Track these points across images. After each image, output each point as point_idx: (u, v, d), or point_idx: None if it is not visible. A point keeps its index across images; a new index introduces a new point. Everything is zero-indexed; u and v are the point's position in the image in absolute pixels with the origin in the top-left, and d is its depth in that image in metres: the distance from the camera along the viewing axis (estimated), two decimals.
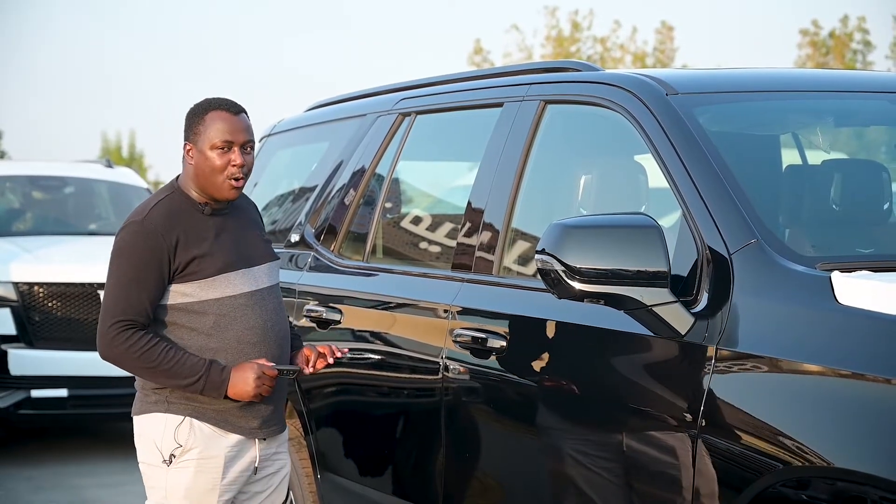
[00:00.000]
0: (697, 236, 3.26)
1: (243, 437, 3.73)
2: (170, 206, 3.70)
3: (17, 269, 8.46)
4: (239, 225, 3.80)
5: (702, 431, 3.05)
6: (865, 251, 3.59)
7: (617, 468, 3.32)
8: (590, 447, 3.45)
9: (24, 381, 8.26)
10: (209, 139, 3.68)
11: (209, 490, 3.69)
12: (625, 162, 3.95)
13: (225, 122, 3.69)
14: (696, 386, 3.09)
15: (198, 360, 3.62)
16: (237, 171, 3.68)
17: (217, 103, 3.73)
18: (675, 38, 26.57)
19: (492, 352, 3.76)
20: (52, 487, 7.56)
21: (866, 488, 2.73)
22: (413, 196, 5.13)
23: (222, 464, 3.70)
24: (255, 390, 3.62)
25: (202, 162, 3.69)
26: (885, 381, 2.72)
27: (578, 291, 3.20)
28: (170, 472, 3.69)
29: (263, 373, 3.63)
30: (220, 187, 3.69)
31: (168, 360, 3.60)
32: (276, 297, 3.81)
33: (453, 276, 4.08)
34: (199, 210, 3.72)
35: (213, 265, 3.67)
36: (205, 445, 3.69)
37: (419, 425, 4.20)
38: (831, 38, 24.96)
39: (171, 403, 3.69)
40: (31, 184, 10.44)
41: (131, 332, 3.60)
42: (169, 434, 3.68)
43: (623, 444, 3.32)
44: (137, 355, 3.60)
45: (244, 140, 3.70)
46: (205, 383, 3.61)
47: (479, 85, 4.49)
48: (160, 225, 3.64)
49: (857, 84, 4.16)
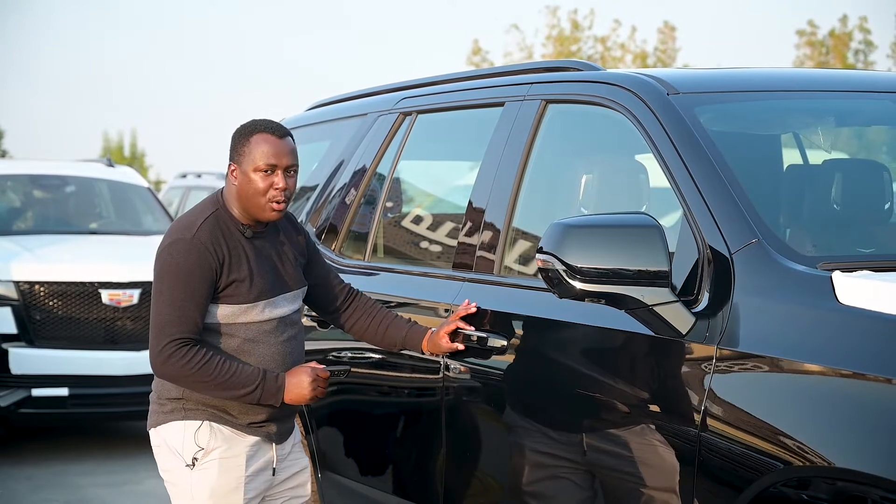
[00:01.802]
0: (698, 236, 3.26)
1: (260, 439, 3.75)
2: (216, 223, 3.70)
3: (17, 268, 8.46)
4: (276, 250, 3.80)
5: (702, 431, 3.06)
6: (866, 251, 3.59)
7: (618, 467, 3.32)
8: (589, 447, 3.45)
9: (24, 380, 8.26)
10: (253, 161, 3.68)
11: (234, 489, 3.71)
12: (626, 161, 3.95)
13: (269, 145, 3.68)
14: (697, 385, 3.09)
15: (252, 370, 3.64)
16: (279, 194, 3.67)
17: (263, 126, 3.72)
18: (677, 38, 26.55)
19: (492, 351, 3.76)
20: (51, 487, 7.55)
21: (867, 488, 2.73)
22: (414, 195, 5.13)
23: (244, 462, 3.72)
24: (311, 393, 3.67)
25: (245, 183, 3.69)
26: (886, 380, 2.72)
27: (579, 291, 3.20)
28: (194, 475, 3.70)
29: (318, 375, 3.67)
30: (262, 209, 3.69)
31: (224, 372, 3.60)
32: (298, 322, 3.84)
33: (454, 276, 4.08)
34: (240, 231, 3.72)
35: (251, 292, 3.67)
36: (227, 445, 3.70)
37: (420, 425, 4.20)
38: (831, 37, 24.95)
39: (189, 410, 3.71)
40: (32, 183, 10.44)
41: (187, 349, 3.59)
42: (189, 439, 3.69)
43: (624, 443, 3.32)
44: (195, 370, 3.59)
45: (288, 164, 3.69)
46: (262, 392, 3.63)
47: (481, 84, 4.49)
48: (209, 241, 3.64)
49: (859, 84, 4.16)
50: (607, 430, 3.41)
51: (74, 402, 8.34)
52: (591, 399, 3.47)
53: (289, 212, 4.01)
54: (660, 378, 3.26)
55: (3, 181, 10.42)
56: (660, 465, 3.20)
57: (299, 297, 3.85)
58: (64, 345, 8.38)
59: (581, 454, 3.46)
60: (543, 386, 3.65)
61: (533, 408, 3.69)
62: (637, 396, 3.30)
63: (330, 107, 5.52)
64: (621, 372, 3.39)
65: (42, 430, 9.27)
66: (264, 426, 3.74)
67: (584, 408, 3.49)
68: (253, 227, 3.74)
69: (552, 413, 3.61)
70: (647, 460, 3.24)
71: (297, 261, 3.87)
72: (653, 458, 3.22)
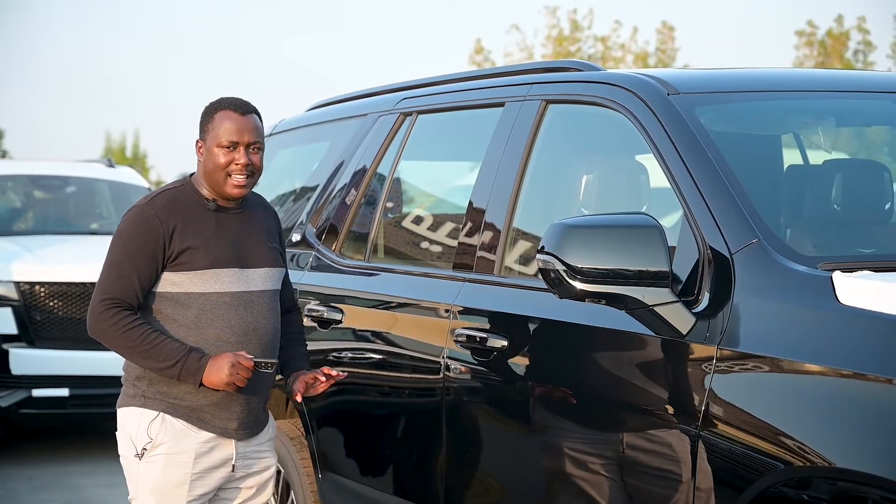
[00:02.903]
0: (699, 236, 3.26)
1: (216, 435, 3.77)
2: (176, 195, 3.80)
3: (18, 268, 8.46)
4: (245, 227, 3.84)
5: (703, 431, 3.05)
6: (867, 251, 3.59)
7: (618, 468, 3.32)
8: (591, 447, 3.45)
9: (25, 381, 8.26)
10: (217, 137, 3.77)
11: (178, 485, 3.74)
12: (626, 162, 3.95)
13: (232, 122, 3.76)
14: (698, 386, 3.09)
15: (178, 346, 3.67)
16: (241, 169, 3.74)
17: (227, 103, 3.81)
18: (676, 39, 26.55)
19: (493, 351, 3.76)
20: (52, 487, 7.56)
21: (867, 488, 2.73)
22: (414, 196, 5.13)
23: (192, 459, 3.74)
24: (228, 378, 3.63)
25: (209, 159, 3.77)
26: (887, 381, 2.72)
27: (580, 291, 3.20)
28: (141, 466, 3.76)
29: (238, 362, 3.63)
30: (223, 184, 3.77)
31: (148, 341, 3.65)
32: (269, 302, 3.83)
33: (454, 276, 4.08)
34: (203, 205, 3.79)
35: (205, 259, 3.72)
36: (175, 441, 3.73)
37: (420, 425, 4.20)
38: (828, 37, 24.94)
39: (147, 398, 3.76)
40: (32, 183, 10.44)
41: (117, 311, 3.67)
42: (143, 428, 3.75)
43: (624, 443, 3.32)
44: (119, 333, 3.66)
45: (250, 141, 3.76)
46: (181, 368, 3.65)
47: (481, 85, 4.49)
48: (160, 211, 3.73)
49: (859, 84, 4.16)
50: (607, 429, 3.41)
51: (75, 402, 8.35)
52: (591, 399, 3.47)
53: (270, 204, 4.07)
54: (660, 378, 3.26)
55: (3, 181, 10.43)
56: (660, 465, 3.20)
57: (271, 276, 3.85)
58: (64, 345, 8.39)
59: (581, 454, 3.46)
60: (544, 386, 3.65)
61: (533, 408, 3.69)
62: (637, 396, 3.30)
63: (330, 107, 5.52)
64: (621, 372, 3.39)
65: (42, 430, 9.28)
66: (223, 422, 3.75)
67: (585, 408, 3.49)
68: (219, 202, 3.80)
69: (552, 413, 3.61)
70: (647, 460, 3.24)
71: (268, 243, 3.88)
72: (653, 458, 3.22)
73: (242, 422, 3.79)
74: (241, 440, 3.82)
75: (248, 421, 3.81)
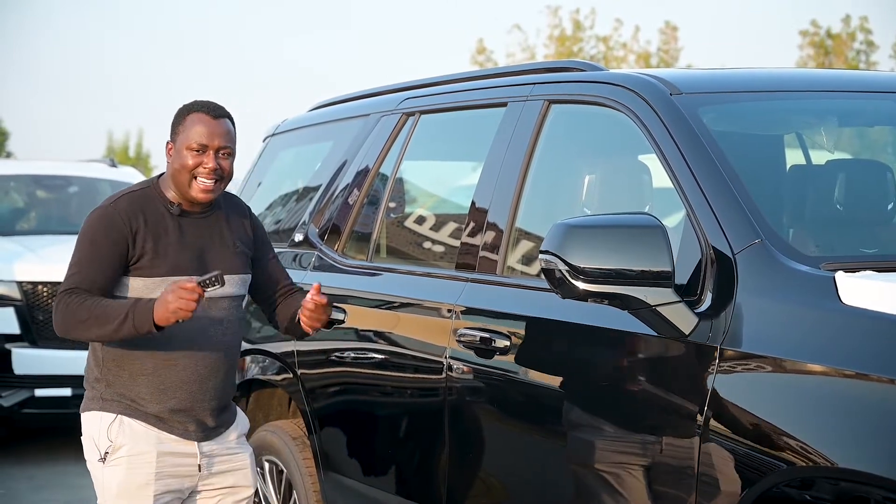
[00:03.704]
0: (701, 236, 3.26)
1: (177, 436, 3.76)
2: (140, 197, 3.76)
3: (20, 268, 8.46)
4: (208, 232, 3.81)
5: (705, 431, 3.05)
6: (869, 251, 3.59)
7: (620, 468, 3.32)
8: (593, 447, 3.45)
9: (27, 381, 8.26)
10: (186, 140, 3.73)
11: (142, 486, 3.73)
12: (629, 162, 3.95)
13: (203, 125, 3.73)
14: (700, 386, 3.09)
15: (125, 301, 3.63)
16: (208, 174, 3.70)
17: (199, 106, 3.77)
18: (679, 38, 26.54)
19: (495, 352, 3.76)
20: (53, 487, 7.56)
21: (870, 488, 2.73)
22: (417, 196, 5.13)
23: (154, 459, 3.73)
24: (173, 304, 3.52)
25: (177, 160, 3.74)
26: (889, 381, 2.72)
27: (582, 291, 3.20)
28: (105, 470, 3.75)
29: (179, 286, 3.52)
30: (188, 187, 3.73)
31: (97, 307, 3.60)
32: (229, 308, 3.80)
33: (457, 276, 4.08)
34: (167, 208, 3.75)
35: (164, 265, 3.69)
36: (133, 443, 3.72)
37: (423, 425, 4.20)
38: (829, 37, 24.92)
39: (106, 401, 3.75)
40: (34, 183, 10.45)
41: (68, 296, 3.64)
42: (103, 431, 3.74)
43: (626, 443, 3.32)
44: (72, 314, 3.62)
45: (220, 145, 3.73)
46: (133, 318, 3.57)
47: (483, 85, 4.49)
48: (124, 211, 3.70)
49: (862, 84, 4.16)
50: (610, 429, 3.41)
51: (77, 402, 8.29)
52: (593, 399, 3.47)
53: (245, 203, 4.03)
54: (663, 378, 3.26)
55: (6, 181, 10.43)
56: (662, 464, 3.20)
57: (231, 283, 3.80)
58: (67, 345, 8.35)
59: (584, 454, 3.46)
60: (546, 386, 3.65)
61: (535, 408, 3.69)
62: (639, 396, 3.30)
63: (333, 107, 5.52)
64: (624, 372, 3.39)
65: (44, 430, 9.28)
66: (182, 424, 3.75)
67: (587, 408, 3.49)
68: (184, 206, 3.76)
69: (555, 413, 3.61)
70: (650, 460, 3.24)
71: (237, 248, 3.85)
72: (655, 457, 3.22)
73: (201, 424, 3.79)
74: (205, 440, 3.81)
75: (206, 424, 3.80)
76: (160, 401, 3.72)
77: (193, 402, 3.76)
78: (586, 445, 3.47)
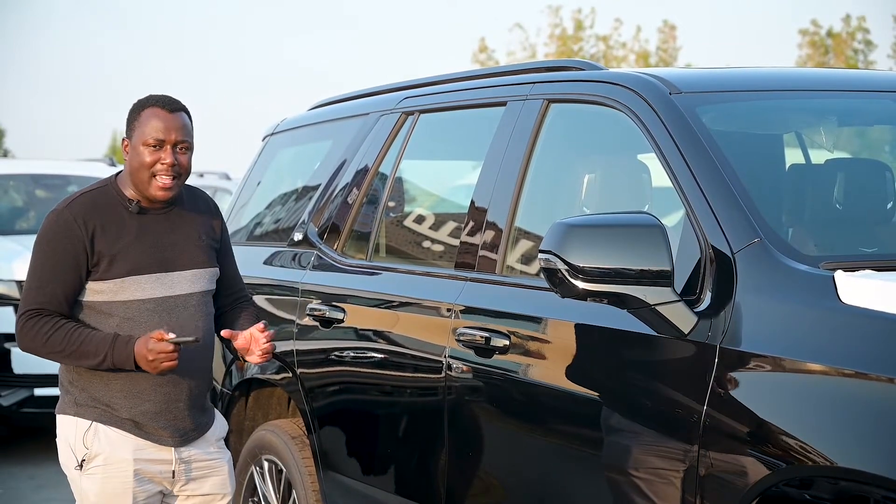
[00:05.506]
0: (701, 235, 3.26)
1: (151, 443, 3.72)
2: (96, 197, 3.67)
3: (20, 267, 8.45)
4: (170, 228, 3.73)
5: (705, 430, 3.05)
6: (869, 250, 3.59)
7: (620, 467, 3.32)
8: (592, 446, 3.45)
9: (27, 380, 8.26)
10: (142, 135, 3.64)
11: (120, 493, 3.70)
12: (628, 161, 3.95)
13: (159, 120, 3.64)
14: (699, 385, 3.09)
15: (103, 336, 3.57)
16: (166, 169, 3.63)
17: (154, 100, 3.68)
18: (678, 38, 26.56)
19: (495, 351, 3.76)
20: (53, 486, 7.55)
21: (869, 488, 2.73)
22: (416, 195, 5.13)
23: (131, 466, 3.69)
24: (152, 368, 3.52)
25: (134, 157, 3.65)
26: (889, 380, 2.72)
27: (582, 290, 3.19)
28: (83, 478, 3.72)
29: (155, 350, 3.50)
30: (148, 185, 3.65)
31: (73, 341, 3.56)
32: (197, 305, 3.74)
33: (456, 275, 4.08)
34: (126, 206, 3.67)
35: (124, 266, 3.62)
36: (110, 450, 3.68)
37: (422, 424, 4.20)
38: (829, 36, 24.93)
39: (80, 406, 3.69)
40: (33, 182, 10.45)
41: (37, 319, 3.57)
42: (79, 438, 3.70)
43: (625, 442, 3.32)
44: (44, 341, 3.57)
45: (177, 139, 3.65)
46: (112, 361, 3.55)
47: (483, 84, 4.49)
48: (79, 215, 3.61)
49: (861, 83, 4.16)
50: (609, 429, 3.41)
51: None
52: (593, 398, 3.47)
53: (209, 196, 3.96)
54: (662, 377, 3.26)
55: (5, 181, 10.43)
56: (662, 464, 3.20)
57: (199, 277, 3.75)
58: None
59: (583, 453, 3.46)
60: (545, 386, 3.65)
61: (534, 408, 3.69)
62: (639, 396, 3.30)
63: (332, 106, 5.52)
64: (623, 371, 3.39)
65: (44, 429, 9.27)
66: (156, 430, 3.70)
67: (586, 407, 3.49)
68: (143, 204, 3.68)
69: (553, 413, 3.61)
70: (649, 459, 3.24)
71: (203, 241, 3.78)
72: (654, 457, 3.22)
73: (176, 429, 3.74)
74: (180, 446, 3.77)
75: (181, 428, 3.75)
76: (134, 404, 3.67)
77: (168, 404, 3.70)
78: (585, 445, 3.47)
